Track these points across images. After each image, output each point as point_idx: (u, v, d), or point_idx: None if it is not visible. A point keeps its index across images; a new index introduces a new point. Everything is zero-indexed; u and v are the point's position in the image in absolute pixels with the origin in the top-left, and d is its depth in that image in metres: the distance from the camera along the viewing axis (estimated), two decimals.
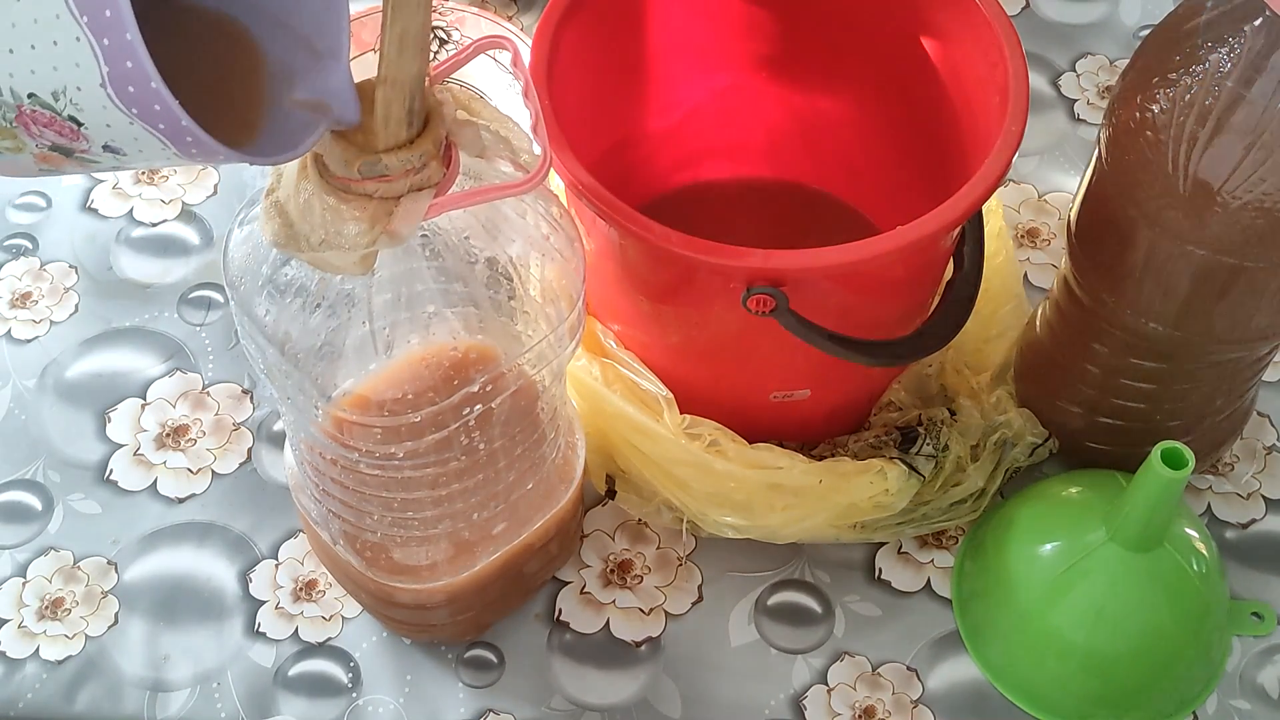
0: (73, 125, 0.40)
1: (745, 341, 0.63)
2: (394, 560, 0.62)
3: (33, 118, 0.40)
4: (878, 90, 0.72)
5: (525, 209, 0.53)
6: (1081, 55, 0.91)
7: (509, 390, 0.55)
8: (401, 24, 0.44)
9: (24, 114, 0.40)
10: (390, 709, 0.66)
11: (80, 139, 0.40)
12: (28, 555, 0.71)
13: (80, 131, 0.40)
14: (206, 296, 0.80)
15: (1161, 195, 0.56)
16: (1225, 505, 0.72)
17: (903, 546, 0.71)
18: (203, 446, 0.75)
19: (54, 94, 0.39)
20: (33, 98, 0.39)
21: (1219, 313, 0.60)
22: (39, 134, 0.41)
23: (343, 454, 0.55)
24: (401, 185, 0.46)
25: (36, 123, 0.40)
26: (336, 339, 0.53)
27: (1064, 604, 0.63)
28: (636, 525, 0.71)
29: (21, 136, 0.41)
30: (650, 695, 0.66)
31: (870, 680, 0.67)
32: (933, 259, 0.64)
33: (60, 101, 0.39)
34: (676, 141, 0.77)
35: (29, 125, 0.40)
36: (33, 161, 0.42)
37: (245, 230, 0.52)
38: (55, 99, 0.39)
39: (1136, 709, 0.65)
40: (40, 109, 0.39)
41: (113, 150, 0.41)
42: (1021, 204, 0.84)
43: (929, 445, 0.68)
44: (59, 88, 0.39)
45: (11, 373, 0.77)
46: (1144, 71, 0.57)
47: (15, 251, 0.83)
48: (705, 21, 0.72)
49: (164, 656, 0.67)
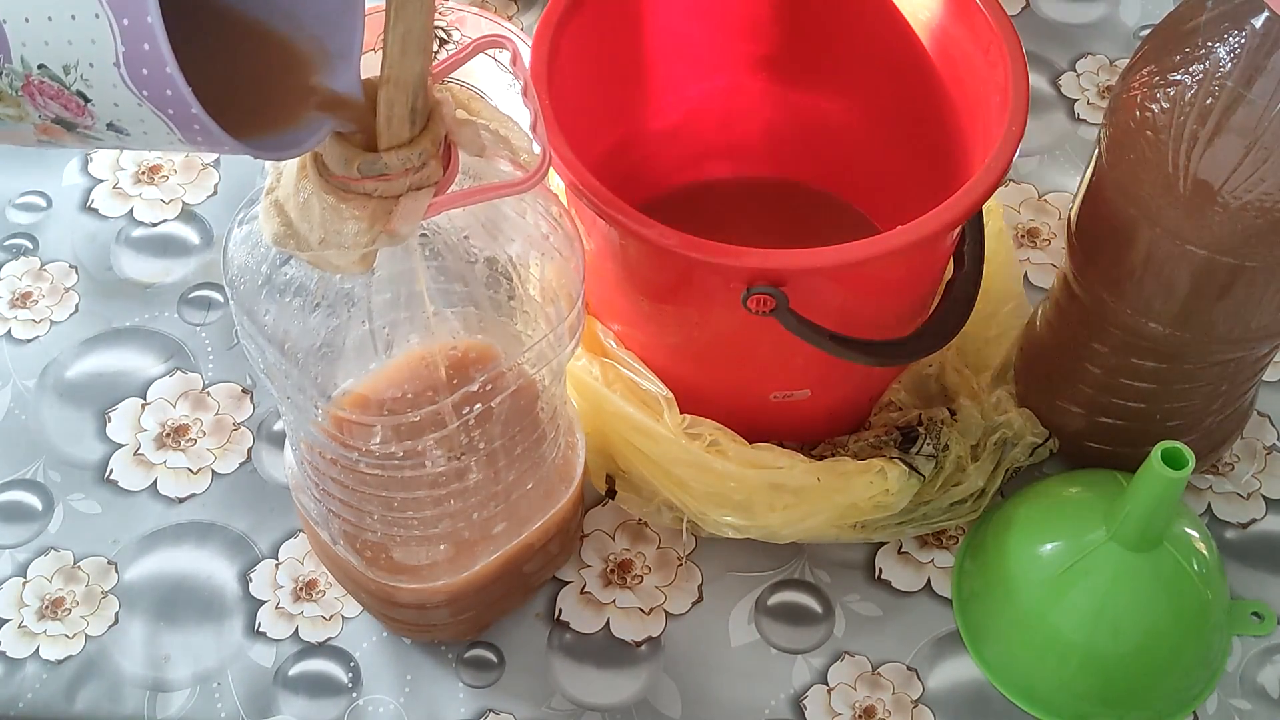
0: (79, 100, 0.39)
1: (745, 341, 0.63)
2: (394, 560, 0.62)
3: (40, 88, 0.40)
4: (878, 90, 0.72)
5: (525, 208, 0.53)
6: (1081, 55, 0.91)
7: (509, 390, 0.55)
8: (405, 24, 0.44)
9: (31, 84, 0.40)
10: (390, 709, 0.66)
11: (85, 115, 0.40)
12: (28, 555, 0.71)
13: (86, 108, 0.40)
14: (206, 296, 0.80)
15: (1161, 195, 0.56)
16: (1225, 505, 0.72)
17: (903, 546, 0.71)
18: (203, 446, 0.75)
19: (65, 67, 0.39)
20: (42, 69, 0.39)
21: (1219, 313, 0.60)
22: (44, 105, 0.40)
23: (343, 454, 0.55)
24: (401, 184, 0.46)
25: (43, 94, 0.40)
26: (336, 338, 0.53)
27: (1064, 604, 0.63)
28: (636, 525, 0.71)
29: (25, 106, 0.41)
30: (650, 695, 0.66)
31: (870, 680, 0.67)
32: (933, 259, 0.64)
33: (70, 76, 0.39)
34: (676, 141, 0.77)
35: (34, 96, 0.40)
36: (32, 132, 0.42)
37: (245, 230, 0.52)
38: (65, 72, 0.39)
39: (1136, 709, 0.65)
40: (49, 80, 0.39)
41: (116, 129, 0.40)
42: (1021, 204, 0.84)
43: (929, 445, 0.68)
44: (71, 62, 0.38)
45: (11, 373, 0.77)
46: (1144, 72, 0.57)
47: (15, 251, 0.83)
48: (705, 21, 0.72)
49: (164, 656, 0.67)
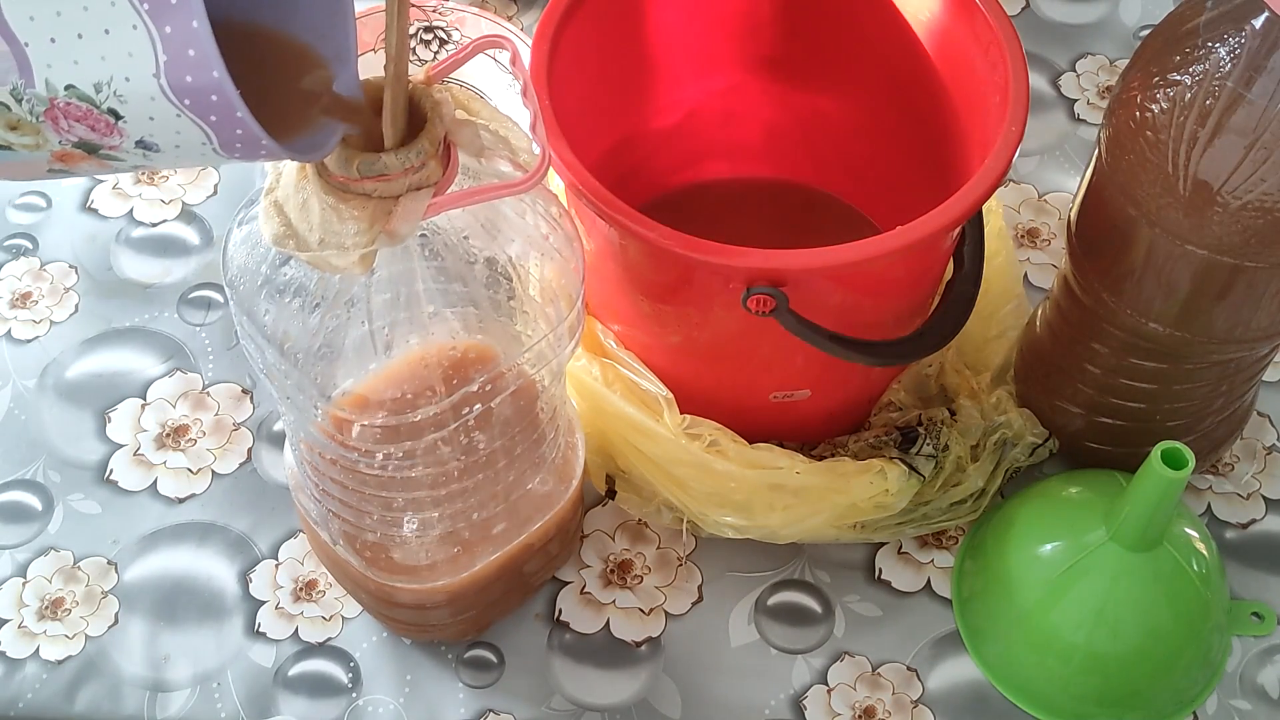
0: (110, 119, 0.39)
1: (745, 341, 0.63)
2: (394, 560, 0.62)
3: (65, 111, 0.39)
4: (878, 90, 0.72)
5: (524, 209, 0.53)
6: (1081, 55, 0.91)
7: (508, 390, 0.55)
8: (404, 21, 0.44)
9: (56, 107, 0.39)
10: (390, 709, 0.66)
11: (114, 133, 0.39)
12: (28, 555, 0.71)
13: (117, 126, 0.39)
14: (206, 296, 0.80)
15: (1161, 195, 0.56)
16: (1225, 505, 0.72)
17: (903, 546, 0.71)
18: (203, 446, 0.75)
19: (96, 85, 0.38)
20: (70, 89, 0.38)
21: (1219, 313, 0.60)
22: (67, 129, 0.40)
23: (342, 454, 0.55)
24: (400, 184, 0.46)
25: (68, 116, 0.39)
26: (336, 339, 0.53)
27: (1064, 604, 0.63)
28: (636, 525, 0.71)
29: (46, 132, 0.40)
30: (650, 695, 0.66)
31: (870, 680, 0.67)
32: (933, 259, 0.64)
33: (103, 93, 0.38)
34: (676, 141, 0.77)
35: (58, 119, 0.39)
36: (46, 161, 0.41)
37: (245, 230, 0.52)
38: (97, 90, 0.38)
39: (1136, 709, 0.65)
40: (77, 101, 0.39)
41: (145, 145, 0.40)
42: (1021, 204, 0.84)
43: (929, 445, 0.68)
44: (104, 79, 0.38)
45: (11, 373, 0.77)
46: (1144, 72, 0.57)
47: (15, 251, 0.83)
48: (706, 21, 0.72)
49: (164, 656, 0.67)
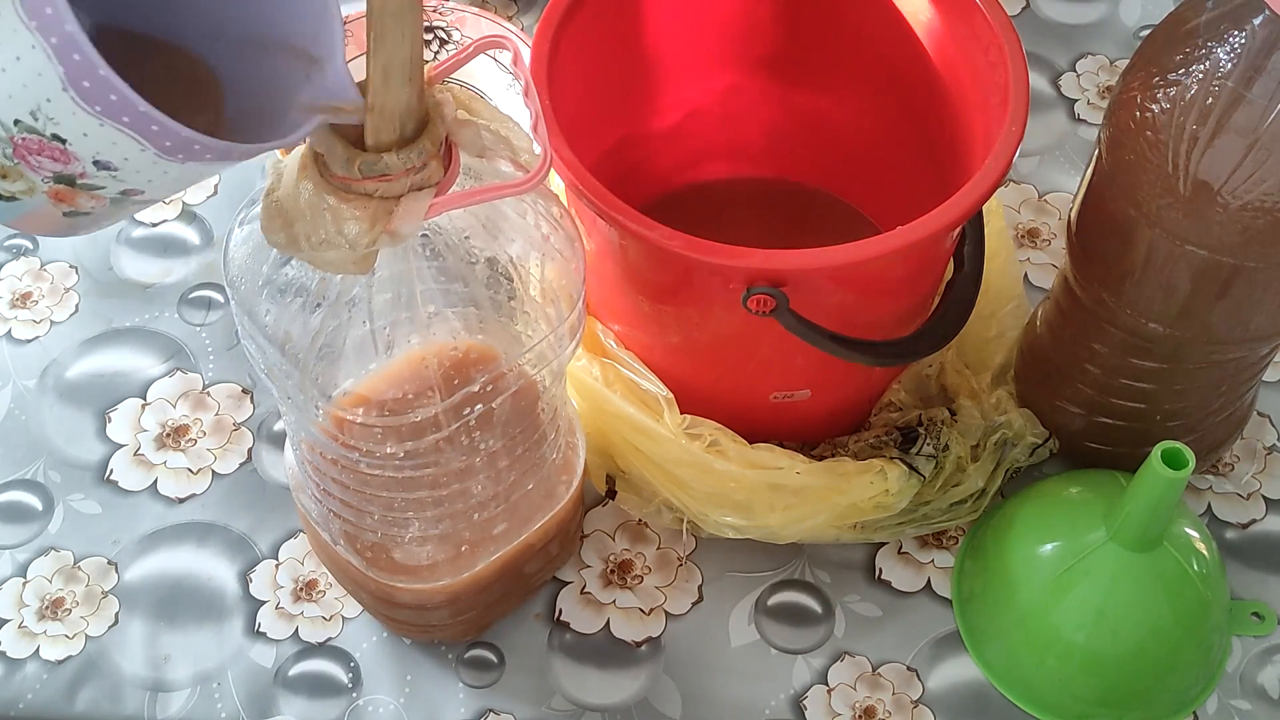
0: (58, 144, 0.40)
1: (745, 341, 0.63)
2: (394, 560, 0.62)
3: (25, 146, 0.40)
4: (878, 90, 0.72)
5: (525, 209, 0.53)
6: (1081, 55, 0.91)
7: (509, 390, 0.55)
8: (384, 56, 0.44)
9: (19, 145, 0.40)
10: (390, 709, 0.66)
11: (72, 160, 0.41)
12: (28, 555, 0.71)
13: (67, 150, 0.40)
14: (206, 296, 0.80)
15: (1161, 195, 0.56)
16: (1225, 505, 0.72)
17: (903, 546, 0.71)
18: (203, 446, 0.75)
19: (32, 113, 0.39)
20: (18, 124, 0.40)
21: (1219, 313, 0.60)
22: (39, 165, 0.41)
23: (343, 454, 0.55)
24: (402, 185, 0.46)
25: (31, 151, 0.40)
26: (336, 339, 0.53)
27: (1064, 604, 0.63)
28: (636, 525, 0.71)
29: (26, 173, 0.41)
30: (650, 695, 0.66)
31: (870, 680, 0.67)
32: (933, 259, 0.64)
33: (40, 120, 0.40)
34: (676, 141, 0.77)
35: (26, 157, 0.41)
36: (49, 204, 0.43)
37: (245, 230, 0.52)
38: (35, 118, 0.40)
39: (1136, 709, 0.65)
40: (29, 135, 0.40)
41: (104, 166, 0.41)
42: (1021, 204, 0.84)
43: (929, 445, 0.68)
44: (35, 105, 0.39)
45: (12, 373, 0.77)
46: (1144, 71, 0.57)
47: (15, 251, 0.83)
48: (705, 22, 0.72)
49: (164, 656, 0.67)
